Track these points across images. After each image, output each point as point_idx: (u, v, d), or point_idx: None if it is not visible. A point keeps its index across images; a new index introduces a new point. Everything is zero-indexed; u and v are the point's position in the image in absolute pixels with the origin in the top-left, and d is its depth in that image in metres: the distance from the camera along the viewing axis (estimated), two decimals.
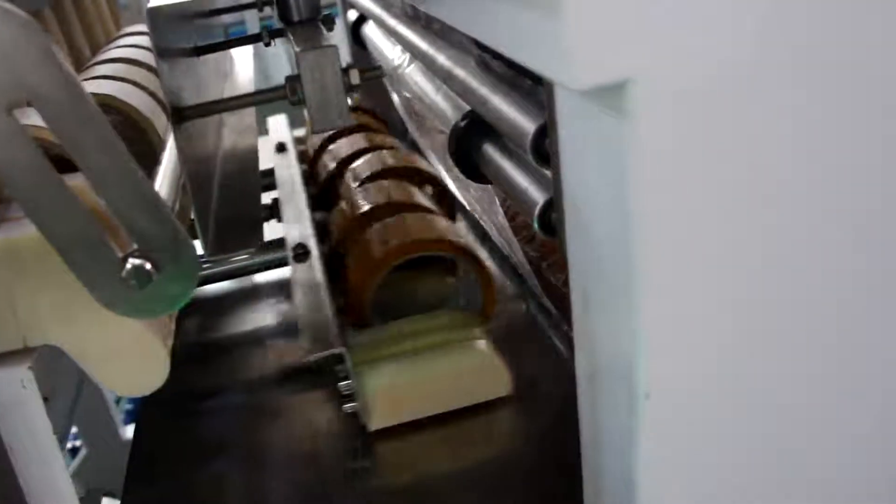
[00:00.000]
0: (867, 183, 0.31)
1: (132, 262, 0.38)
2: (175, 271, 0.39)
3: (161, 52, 0.41)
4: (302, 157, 0.94)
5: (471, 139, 0.53)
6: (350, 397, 0.59)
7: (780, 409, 0.34)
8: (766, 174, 0.30)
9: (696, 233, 0.30)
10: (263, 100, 0.46)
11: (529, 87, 0.44)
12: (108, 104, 0.60)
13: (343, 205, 0.74)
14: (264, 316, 0.79)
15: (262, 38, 0.63)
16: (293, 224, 0.74)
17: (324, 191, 0.83)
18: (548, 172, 0.42)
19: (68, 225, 0.37)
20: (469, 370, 0.60)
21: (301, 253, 0.68)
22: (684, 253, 0.30)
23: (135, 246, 0.39)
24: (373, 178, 0.76)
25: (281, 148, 0.94)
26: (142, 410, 0.67)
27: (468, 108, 0.54)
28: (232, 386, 0.69)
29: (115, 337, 0.45)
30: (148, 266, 0.38)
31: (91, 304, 0.39)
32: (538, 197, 0.42)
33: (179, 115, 0.42)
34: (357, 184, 0.76)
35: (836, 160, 0.30)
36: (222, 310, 0.81)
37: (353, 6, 1.02)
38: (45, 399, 0.70)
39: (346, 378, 0.60)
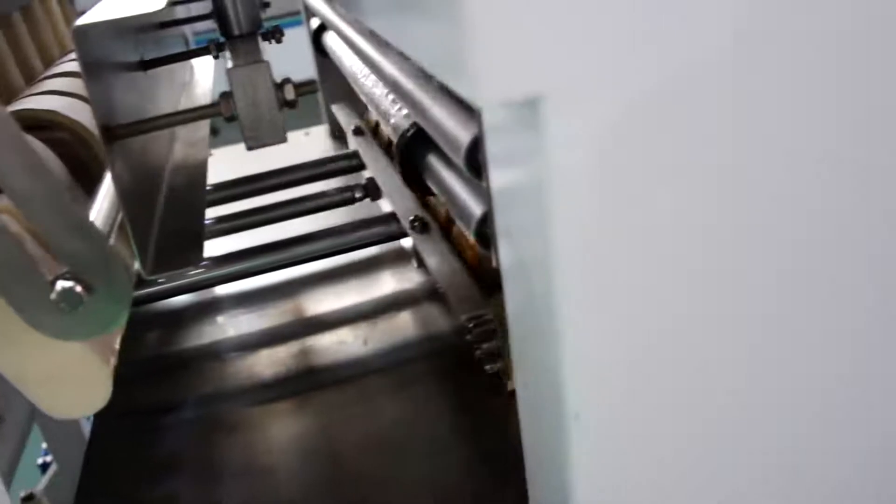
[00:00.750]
0: (788, 201, 0.31)
1: (62, 284, 0.38)
2: (107, 293, 0.38)
3: (91, 70, 0.41)
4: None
5: (416, 149, 0.53)
6: (492, 358, 0.60)
7: (712, 428, 0.34)
8: (690, 194, 0.30)
9: (618, 254, 0.30)
10: (197, 116, 0.46)
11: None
12: (52, 120, 0.59)
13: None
14: None
15: (209, 51, 0.62)
16: (397, 199, 0.74)
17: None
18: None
19: None
20: None
21: (420, 224, 0.68)
22: (607, 275, 0.30)
23: (65, 268, 0.38)
24: None
25: (358, 131, 0.95)
26: None
27: None
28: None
29: (53, 358, 0.44)
30: (78, 288, 0.38)
31: (26, 324, 0.39)
32: (476, 209, 0.42)
33: (109, 133, 0.41)
34: None
35: (760, 181, 0.30)
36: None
37: (314, 14, 1.01)
38: None
39: (487, 339, 0.60)
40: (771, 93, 0.29)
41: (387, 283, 0.83)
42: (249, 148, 0.45)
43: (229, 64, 0.43)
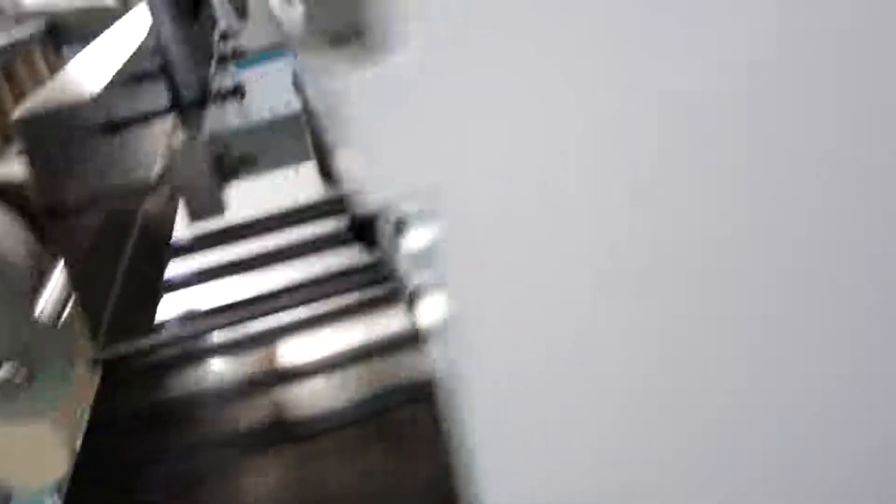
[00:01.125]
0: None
1: (2, 373, 0.38)
2: (48, 380, 0.39)
3: (36, 160, 0.41)
4: None
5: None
6: None
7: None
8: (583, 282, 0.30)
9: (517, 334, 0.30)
10: (142, 193, 0.46)
11: None
12: (19, 184, 0.60)
13: None
14: None
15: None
16: None
17: None
18: None
19: None
20: None
21: None
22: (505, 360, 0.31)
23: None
24: None
25: None
26: None
27: None
28: None
29: (7, 432, 0.45)
30: (18, 379, 0.38)
31: None
32: (412, 274, 0.43)
33: (54, 211, 0.42)
34: None
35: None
36: None
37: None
38: None
39: None
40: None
41: None
42: (192, 221, 0.45)
43: (170, 142, 0.43)
